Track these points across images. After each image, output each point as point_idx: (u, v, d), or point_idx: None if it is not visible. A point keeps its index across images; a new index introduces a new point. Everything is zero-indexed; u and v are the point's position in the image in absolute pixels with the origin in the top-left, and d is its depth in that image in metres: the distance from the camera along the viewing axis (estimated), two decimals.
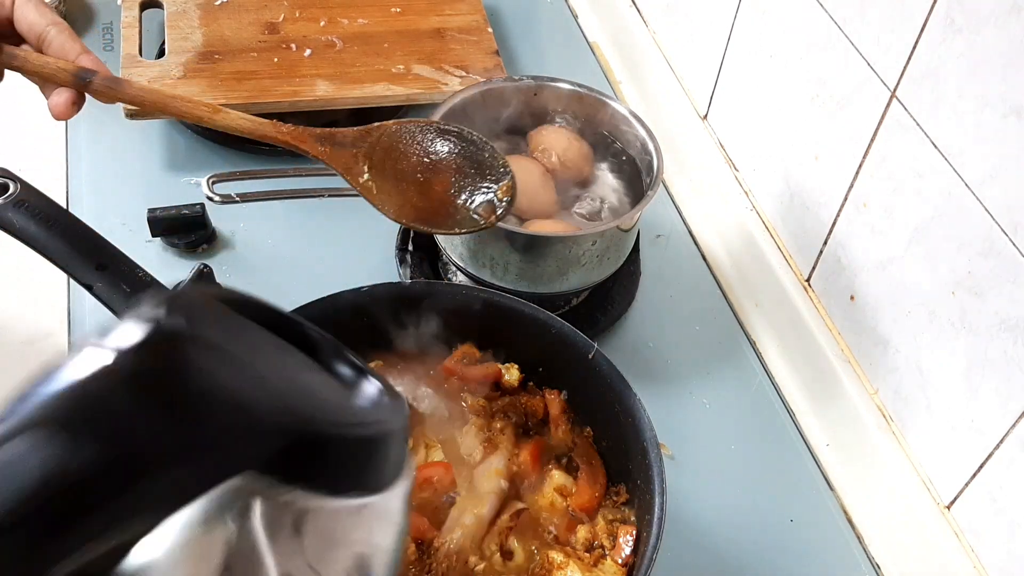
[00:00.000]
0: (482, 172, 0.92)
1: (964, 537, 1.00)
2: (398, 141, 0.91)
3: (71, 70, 0.85)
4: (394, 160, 0.90)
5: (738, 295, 1.31)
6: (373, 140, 0.90)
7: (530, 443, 0.98)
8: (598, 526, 0.93)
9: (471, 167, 0.92)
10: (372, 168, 0.88)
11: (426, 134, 0.92)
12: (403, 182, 0.90)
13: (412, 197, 0.90)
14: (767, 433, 1.18)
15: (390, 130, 0.92)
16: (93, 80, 0.85)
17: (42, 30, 0.86)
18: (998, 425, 0.94)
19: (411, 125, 0.94)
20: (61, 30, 0.87)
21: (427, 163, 0.91)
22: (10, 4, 0.86)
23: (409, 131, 0.92)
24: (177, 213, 1.24)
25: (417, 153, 0.91)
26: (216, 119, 0.87)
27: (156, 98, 0.87)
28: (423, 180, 0.90)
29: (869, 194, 1.08)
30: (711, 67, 1.37)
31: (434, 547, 0.89)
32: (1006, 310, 0.91)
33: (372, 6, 1.50)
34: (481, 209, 0.89)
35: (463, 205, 0.90)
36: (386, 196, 0.88)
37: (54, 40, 0.86)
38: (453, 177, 0.91)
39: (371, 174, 0.88)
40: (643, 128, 1.20)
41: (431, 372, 1.03)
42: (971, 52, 0.90)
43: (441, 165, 0.91)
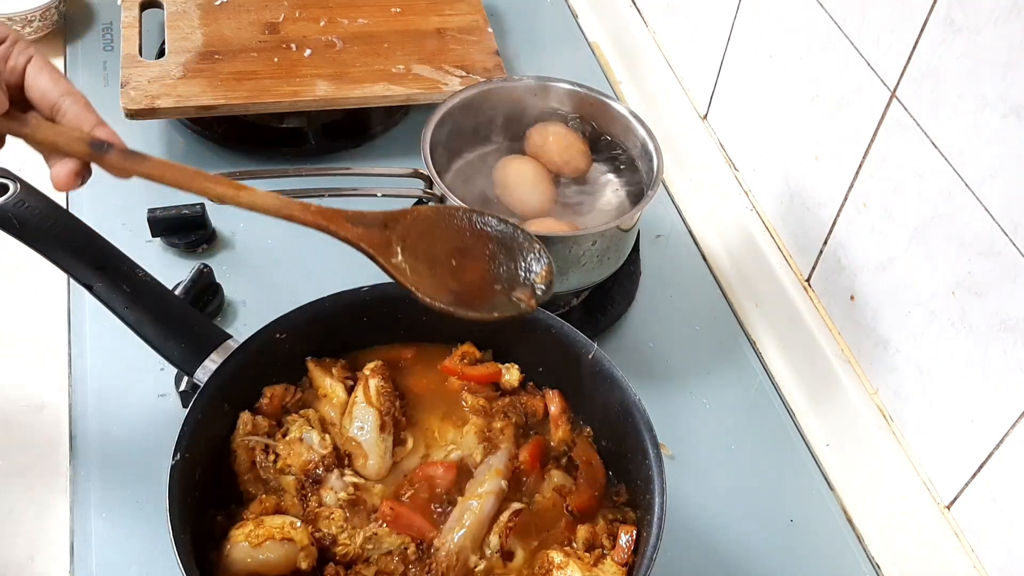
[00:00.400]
0: (515, 257, 0.90)
1: (964, 537, 1.00)
2: (433, 225, 0.89)
3: (86, 140, 0.80)
4: (428, 243, 0.87)
5: (738, 295, 1.31)
6: (407, 223, 0.87)
7: (530, 443, 0.97)
8: (598, 526, 0.93)
9: (505, 253, 0.89)
10: (405, 250, 0.85)
11: (461, 219, 0.90)
12: (437, 266, 0.87)
13: (447, 281, 0.86)
14: (767, 433, 1.18)
15: (424, 214, 0.89)
16: (110, 153, 0.80)
17: (56, 99, 0.81)
18: (998, 425, 0.94)
19: (446, 209, 0.92)
20: (76, 100, 0.81)
21: (461, 248, 0.89)
22: (21, 69, 0.81)
23: (444, 215, 0.90)
24: (177, 213, 1.24)
25: (451, 238, 0.89)
26: (241, 197, 0.83)
27: (176, 174, 0.81)
28: (457, 265, 0.88)
29: (869, 194, 1.08)
30: (711, 67, 1.37)
31: (434, 547, 0.89)
32: (1006, 310, 0.91)
33: (372, 6, 1.50)
34: (520, 294, 0.88)
35: (501, 291, 0.89)
36: (419, 278, 0.85)
37: (69, 110, 0.81)
38: (488, 263, 0.89)
39: (404, 256, 0.85)
40: (643, 128, 1.20)
41: (432, 371, 1.03)
42: (971, 52, 0.90)
43: (476, 251, 0.89)
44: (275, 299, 0.98)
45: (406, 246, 0.86)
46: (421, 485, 0.94)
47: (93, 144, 0.79)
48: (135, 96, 1.31)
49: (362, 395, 0.97)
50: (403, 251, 0.85)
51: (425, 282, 0.85)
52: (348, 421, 0.96)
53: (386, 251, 0.85)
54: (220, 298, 1.19)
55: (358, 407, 0.96)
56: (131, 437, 1.09)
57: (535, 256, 0.89)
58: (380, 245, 0.85)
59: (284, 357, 0.99)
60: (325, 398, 0.99)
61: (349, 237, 0.85)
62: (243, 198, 0.83)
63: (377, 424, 0.95)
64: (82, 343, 1.16)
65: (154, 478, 0.87)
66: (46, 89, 0.81)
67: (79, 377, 1.14)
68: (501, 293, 0.88)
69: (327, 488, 0.92)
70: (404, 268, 0.85)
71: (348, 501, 0.92)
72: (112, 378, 1.13)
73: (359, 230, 0.85)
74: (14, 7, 1.46)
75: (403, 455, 0.97)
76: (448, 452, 0.97)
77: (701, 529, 1.08)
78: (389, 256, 0.85)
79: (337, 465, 0.94)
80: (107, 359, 1.15)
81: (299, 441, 0.95)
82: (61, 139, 0.80)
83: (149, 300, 0.97)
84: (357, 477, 0.94)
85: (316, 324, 0.99)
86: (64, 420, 1.10)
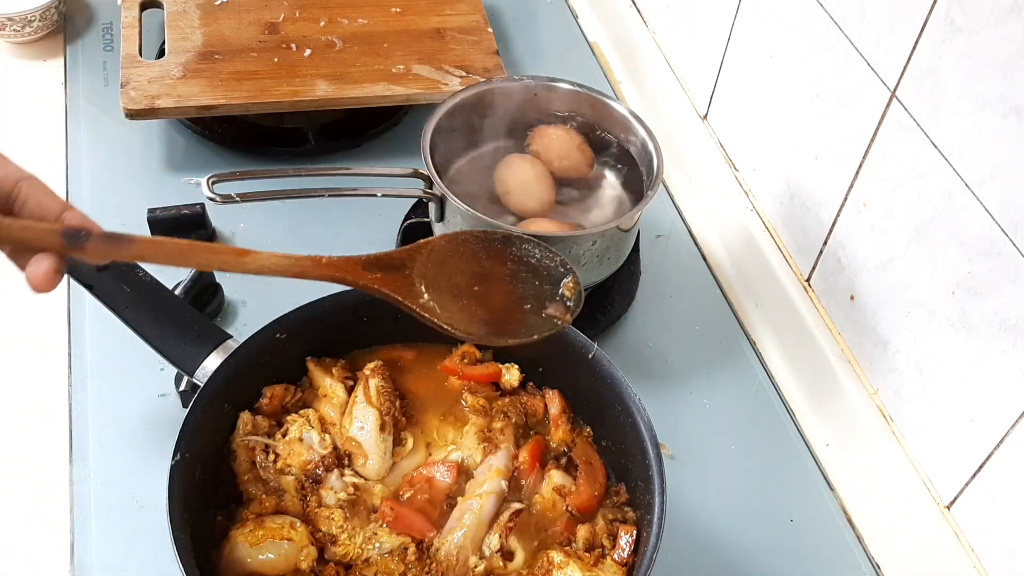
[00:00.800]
0: (539, 273, 0.87)
1: (964, 537, 1.00)
2: (448, 255, 0.85)
3: (58, 231, 0.68)
4: (448, 275, 0.84)
5: (738, 295, 1.31)
6: (423, 258, 0.84)
7: (530, 443, 0.97)
8: (598, 526, 0.93)
9: (526, 270, 0.87)
10: (429, 288, 0.82)
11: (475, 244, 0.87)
12: (462, 298, 0.84)
13: (476, 311, 0.83)
14: (767, 433, 1.18)
15: (438, 245, 0.86)
16: (89, 241, 0.69)
17: (11, 187, 0.70)
18: (998, 425, 0.94)
19: (458, 237, 0.88)
20: (34, 184, 0.71)
21: (481, 274, 0.86)
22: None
23: (457, 243, 0.87)
24: (177, 213, 1.24)
25: (469, 265, 0.86)
26: (246, 263, 0.76)
27: (170, 251, 0.73)
28: (480, 291, 0.85)
29: (869, 194, 1.08)
30: (711, 67, 1.37)
31: (434, 547, 0.89)
32: (1006, 310, 0.91)
33: (372, 6, 1.50)
34: (553, 310, 0.86)
35: (531, 310, 0.86)
36: (450, 315, 0.82)
37: (29, 198, 0.70)
38: (512, 284, 0.86)
39: (430, 294, 0.81)
40: (643, 128, 1.20)
41: (432, 371, 1.03)
42: (971, 52, 0.90)
43: (497, 274, 0.86)
44: (275, 299, 0.98)
45: (429, 283, 0.83)
46: (421, 485, 0.94)
47: (67, 235, 0.69)
48: (135, 96, 1.31)
49: (362, 395, 0.97)
50: (427, 289, 0.82)
51: (456, 317, 0.82)
52: (348, 421, 0.96)
53: (411, 293, 0.82)
54: (220, 298, 1.19)
55: (358, 407, 0.96)
56: (131, 437, 1.09)
57: (558, 269, 0.87)
58: (404, 288, 0.82)
59: (284, 357, 0.99)
60: (325, 398, 0.99)
61: (370, 285, 0.81)
62: (249, 264, 0.77)
63: (377, 424, 0.95)
64: (82, 343, 1.16)
65: (154, 478, 0.87)
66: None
67: (79, 377, 1.14)
68: (532, 312, 0.85)
69: (327, 488, 0.92)
70: (433, 307, 0.82)
71: (348, 501, 0.92)
72: (112, 378, 1.13)
73: (378, 275, 0.81)
74: (14, 7, 1.46)
75: (403, 455, 0.97)
76: (448, 452, 0.97)
77: (701, 529, 1.08)
78: (416, 297, 0.82)
79: (337, 465, 0.94)
80: (107, 359, 1.15)
81: (299, 441, 0.95)
82: (29, 234, 0.69)
83: (149, 300, 0.97)
84: (357, 477, 0.94)
85: (316, 324, 0.99)
86: (64, 420, 1.10)
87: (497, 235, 0.89)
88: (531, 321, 0.85)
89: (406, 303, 0.81)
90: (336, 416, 0.97)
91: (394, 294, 0.81)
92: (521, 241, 0.89)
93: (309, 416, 0.97)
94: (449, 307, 0.82)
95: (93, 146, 1.38)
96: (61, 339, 1.17)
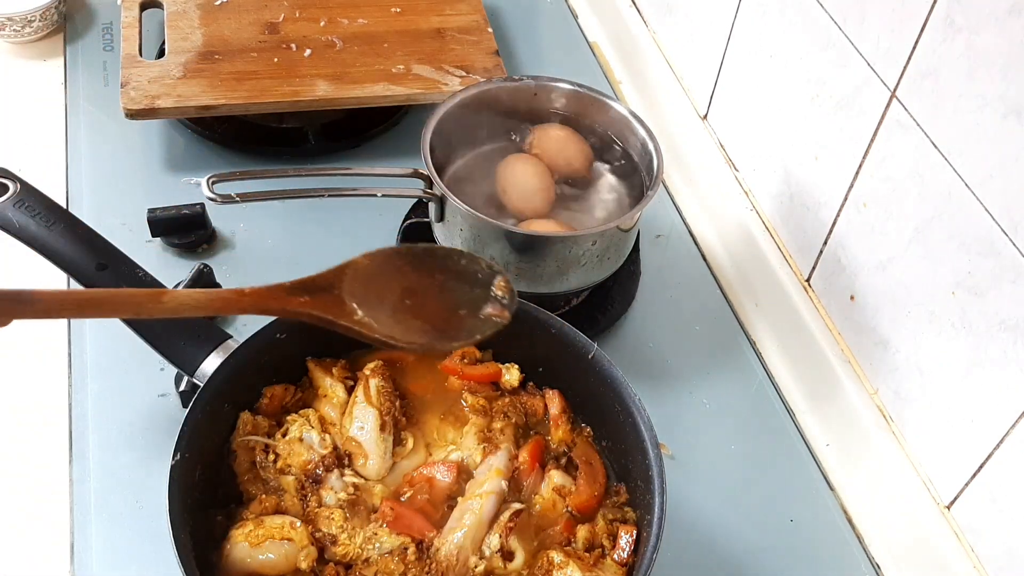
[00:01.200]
0: (467, 279, 0.85)
1: (964, 537, 1.00)
2: (374, 273, 0.84)
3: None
4: (377, 292, 0.83)
5: (738, 295, 1.31)
6: (349, 278, 0.82)
7: (530, 443, 0.97)
8: (598, 526, 0.93)
9: (454, 279, 0.85)
10: (361, 305, 0.81)
11: (397, 259, 0.86)
12: (397, 312, 0.83)
13: (413, 323, 0.82)
14: (767, 433, 1.18)
15: (361, 264, 0.84)
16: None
17: None
18: (998, 425, 0.94)
19: (379, 255, 0.86)
20: None
21: (409, 288, 0.85)
22: None
23: (379, 261, 0.85)
24: (177, 213, 1.24)
25: (396, 280, 0.85)
26: (164, 304, 0.73)
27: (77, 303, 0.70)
28: (413, 304, 0.84)
29: (869, 194, 1.08)
30: (711, 67, 1.37)
31: (434, 547, 0.89)
32: (1006, 310, 0.91)
33: (372, 6, 1.50)
34: (489, 310, 0.86)
35: (467, 314, 0.86)
36: (388, 328, 0.81)
37: None
38: (441, 293, 0.84)
39: (363, 311, 0.80)
40: (643, 128, 1.20)
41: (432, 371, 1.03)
42: (971, 52, 0.90)
43: (424, 285, 0.85)
44: None
45: (360, 301, 0.81)
46: (421, 485, 0.94)
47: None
48: (135, 96, 1.31)
49: (362, 395, 0.97)
50: (360, 307, 0.80)
51: (395, 329, 0.80)
52: (348, 421, 0.96)
53: (343, 312, 0.80)
54: None
55: (358, 407, 0.96)
56: (131, 437, 1.09)
57: (485, 271, 0.87)
58: (335, 308, 0.80)
59: (284, 357, 0.99)
60: (325, 398, 0.99)
61: (300, 310, 0.79)
62: (167, 304, 0.74)
63: (377, 424, 0.95)
64: (82, 343, 1.16)
65: (154, 478, 0.87)
66: None
67: (79, 377, 1.14)
68: (468, 316, 0.85)
69: (327, 488, 0.92)
70: (369, 322, 0.80)
71: (348, 501, 0.92)
72: (112, 378, 1.13)
73: (306, 299, 0.79)
74: (14, 7, 1.46)
75: (403, 455, 0.97)
76: (448, 452, 0.97)
77: (701, 529, 1.08)
78: (350, 315, 0.80)
79: (337, 465, 0.94)
80: (107, 359, 1.15)
81: (299, 441, 0.95)
82: None
83: None
84: (357, 477, 0.94)
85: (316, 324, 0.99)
86: (64, 420, 1.10)
87: (418, 249, 0.88)
88: (470, 324, 0.85)
89: (341, 322, 0.80)
90: (336, 416, 0.97)
91: (326, 315, 0.79)
92: (444, 252, 0.89)
93: (309, 416, 0.97)
94: (385, 321, 0.81)
95: (93, 146, 1.38)
96: (61, 339, 1.17)
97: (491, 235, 1.11)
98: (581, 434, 1.01)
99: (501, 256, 1.12)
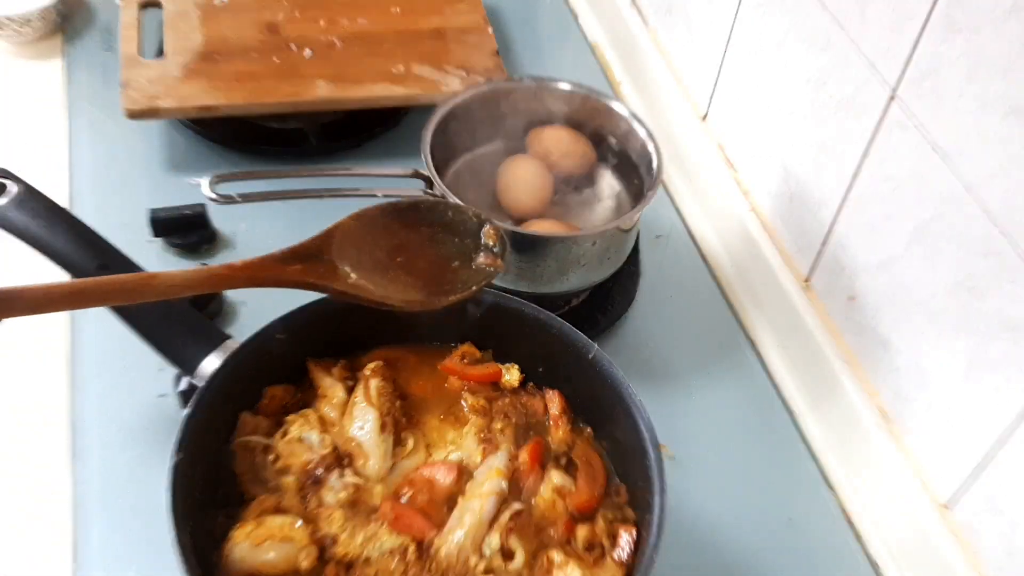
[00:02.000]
0: (455, 230, 0.85)
1: (963, 537, 1.00)
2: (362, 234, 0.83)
3: None
4: (368, 253, 0.82)
5: (738, 295, 1.31)
6: (338, 241, 0.82)
7: (530, 443, 0.97)
8: (598, 526, 0.93)
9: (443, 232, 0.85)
10: (353, 268, 0.80)
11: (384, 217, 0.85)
12: (389, 271, 0.82)
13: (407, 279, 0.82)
14: (767, 433, 1.18)
15: (349, 226, 0.84)
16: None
17: None
18: (998, 425, 0.94)
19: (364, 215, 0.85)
20: None
21: (399, 244, 0.84)
22: None
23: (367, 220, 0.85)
24: (178, 213, 1.24)
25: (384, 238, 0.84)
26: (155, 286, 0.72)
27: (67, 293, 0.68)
28: (404, 261, 0.83)
29: (869, 194, 1.08)
30: (711, 67, 1.37)
31: (434, 547, 0.89)
32: (1006, 310, 0.91)
33: (372, 6, 1.50)
34: (482, 259, 0.85)
35: (460, 266, 0.85)
36: (383, 289, 0.80)
37: None
38: (432, 247, 0.84)
39: (357, 274, 0.80)
40: (643, 128, 1.20)
41: (432, 371, 1.03)
42: (971, 52, 0.90)
43: (414, 241, 0.84)
44: (275, 299, 0.98)
45: (352, 264, 0.80)
46: (421, 485, 0.94)
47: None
48: (135, 96, 1.31)
49: (362, 395, 0.97)
50: (352, 270, 0.79)
51: (390, 289, 0.80)
52: (348, 421, 0.96)
53: (336, 277, 0.79)
54: (220, 298, 1.19)
55: (358, 407, 0.96)
56: (131, 437, 1.09)
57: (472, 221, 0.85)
58: (329, 274, 0.79)
59: (284, 357, 0.99)
60: (325, 398, 0.99)
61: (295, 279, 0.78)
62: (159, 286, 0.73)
63: (377, 424, 0.95)
64: (82, 343, 1.16)
65: (154, 478, 0.87)
66: None
67: (79, 377, 1.14)
68: (462, 268, 0.84)
69: (327, 488, 0.92)
70: (364, 285, 0.79)
71: (348, 501, 0.92)
72: (112, 378, 1.13)
73: (298, 267, 0.78)
74: (14, 7, 1.46)
75: (403, 455, 0.97)
76: (448, 452, 0.97)
77: (701, 529, 1.08)
78: (344, 279, 0.79)
79: (337, 465, 0.94)
80: (107, 359, 1.15)
81: (299, 441, 0.95)
82: None
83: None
84: (357, 477, 0.94)
85: (316, 324, 0.99)
86: (64, 420, 1.10)
87: (403, 204, 0.87)
88: (464, 276, 0.84)
89: (335, 287, 0.79)
90: (336, 416, 0.97)
91: (321, 281, 0.79)
92: (428, 205, 0.88)
93: (309, 416, 0.97)
94: (379, 282, 0.80)
95: (94, 146, 1.38)
96: (61, 339, 1.17)
97: None
98: (581, 434, 1.01)
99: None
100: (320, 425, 0.96)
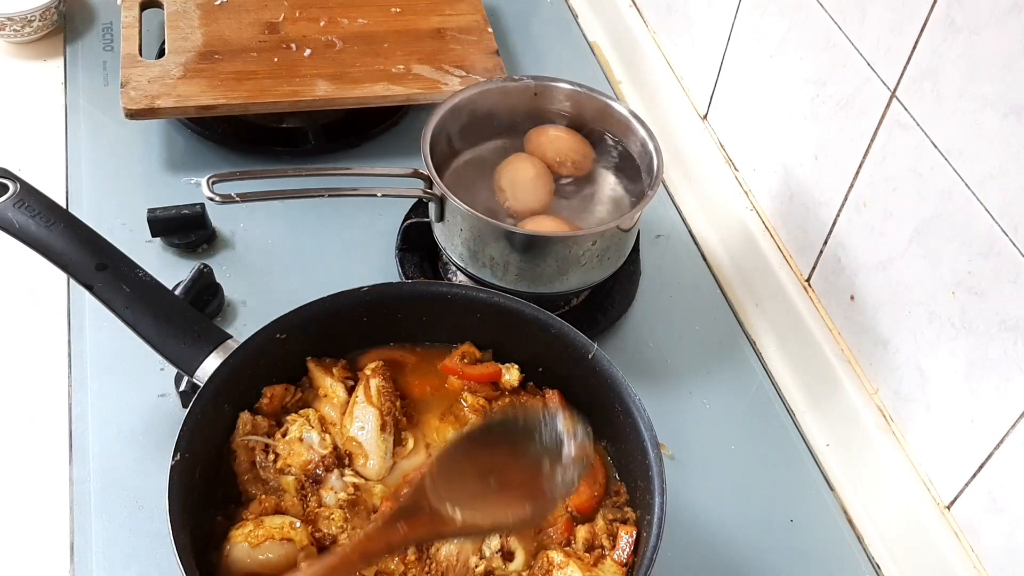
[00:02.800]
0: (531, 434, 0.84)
1: (964, 537, 1.00)
2: (449, 473, 0.82)
3: None
4: (461, 487, 0.81)
5: (738, 295, 1.31)
6: (430, 487, 0.80)
7: None
8: (598, 526, 0.93)
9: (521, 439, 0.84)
10: (455, 505, 0.79)
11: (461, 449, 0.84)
12: (488, 495, 0.81)
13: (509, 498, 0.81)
14: (767, 433, 1.18)
15: (432, 467, 0.83)
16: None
17: None
18: (998, 425, 0.94)
19: (445, 452, 0.85)
20: None
21: (486, 469, 0.83)
22: None
23: (449, 456, 0.84)
24: (177, 213, 1.24)
25: (471, 468, 0.83)
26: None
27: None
28: (498, 481, 0.82)
29: (869, 194, 1.08)
30: (711, 67, 1.37)
31: (435, 547, 0.89)
32: (1006, 310, 0.91)
33: (372, 6, 1.50)
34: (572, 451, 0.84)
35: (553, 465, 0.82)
36: (492, 517, 0.80)
37: None
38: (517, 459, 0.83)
39: (461, 510, 0.79)
40: (643, 128, 1.20)
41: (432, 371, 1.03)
42: (971, 52, 0.90)
43: (498, 461, 0.83)
44: (275, 299, 0.98)
45: (452, 501, 0.80)
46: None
47: None
48: (135, 96, 1.31)
49: (363, 395, 0.97)
50: (454, 507, 0.79)
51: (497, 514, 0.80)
52: (349, 421, 0.96)
53: (443, 520, 0.79)
54: (220, 298, 1.19)
55: (359, 407, 0.96)
56: (131, 437, 1.09)
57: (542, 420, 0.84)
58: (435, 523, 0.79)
59: (284, 357, 0.99)
60: (325, 398, 0.99)
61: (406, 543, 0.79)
62: None
63: (378, 424, 0.95)
64: (82, 343, 1.16)
65: (154, 478, 0.87)
66: None
67: (79, 377, 1.14)
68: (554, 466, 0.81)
69: (327, 488, 0.92)
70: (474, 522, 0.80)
71: (348, 501, 0.92)
72: (112, 378, 1.13)
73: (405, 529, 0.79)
74: (14, 7, 1.46)
75: (403, 455, 0.97)
76: None
77: (701, 529, 1.08)
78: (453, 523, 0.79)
79: (337, 465, 0.94)
80: (107, 359, 1.15)
81: (299, 441, 0.95)
82: None
83: (149, 300, 0.97)
84: (357, 477, 0.94)
85: (316, 324, 0.99)
86: (64, 420, 1.10)
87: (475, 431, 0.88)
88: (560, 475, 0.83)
89: (448, 532, 0.80)
90: (336, 416, 0.97)
91: (431, 535, 0.80)
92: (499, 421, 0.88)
93: (309, 416, 0.97)
94: (484, 509, 0.81)
95: (93, 146, 1.38)
96: (61, 339, 1.17)
97: (491, 235, 1.11)
98: None
99: (501, 256, 1.12)
100: (320, 425, 0.96)
